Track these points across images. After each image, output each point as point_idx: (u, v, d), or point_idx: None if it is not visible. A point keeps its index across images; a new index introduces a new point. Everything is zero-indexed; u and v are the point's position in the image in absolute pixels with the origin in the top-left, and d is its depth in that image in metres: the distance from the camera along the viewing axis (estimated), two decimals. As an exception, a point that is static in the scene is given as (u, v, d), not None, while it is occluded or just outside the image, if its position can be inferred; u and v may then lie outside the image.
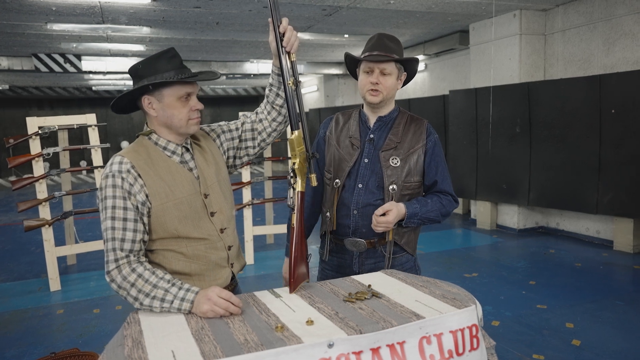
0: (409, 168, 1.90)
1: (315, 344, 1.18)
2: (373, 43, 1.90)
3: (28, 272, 5.16)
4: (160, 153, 1.57)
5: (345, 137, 1.99)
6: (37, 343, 3.44)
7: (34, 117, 4.63)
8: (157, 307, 1.41)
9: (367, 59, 1.88)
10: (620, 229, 5.29)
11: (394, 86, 1.92)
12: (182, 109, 1.54)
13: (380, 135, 1.95)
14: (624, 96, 4.93)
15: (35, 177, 4.50)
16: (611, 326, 3.43)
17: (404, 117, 1.99)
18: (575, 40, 5.86)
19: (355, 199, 1.91)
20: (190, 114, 1.56)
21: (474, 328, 1.36)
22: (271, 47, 1.64)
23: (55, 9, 5.41)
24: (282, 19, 1.61)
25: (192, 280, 1.57)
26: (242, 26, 6.71)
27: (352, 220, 1.91)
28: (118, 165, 1.49)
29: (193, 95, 1.57)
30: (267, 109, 1.79)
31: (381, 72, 1.88)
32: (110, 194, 1.47)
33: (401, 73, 1.94)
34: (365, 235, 1.91)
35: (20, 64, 8.39)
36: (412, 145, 1.91)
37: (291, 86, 1.62)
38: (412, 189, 1.91)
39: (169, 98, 1.53)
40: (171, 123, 1.55)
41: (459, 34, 7.44)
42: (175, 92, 1.52)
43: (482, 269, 4.90)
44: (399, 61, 1.89)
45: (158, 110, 1.55)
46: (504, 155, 6.22)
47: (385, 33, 1.93)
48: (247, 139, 1.79)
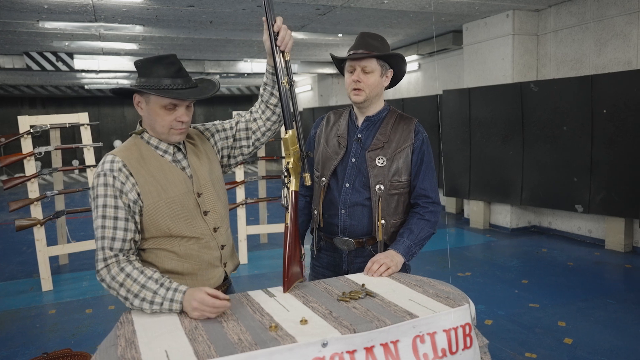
0: (396, 167, 1.90)
1: (309, 343, 1.18)
2: (356, 42, 1.91)
3: (20, 272, 5.12)
4: (153, 152, 1.57)
5: (334, 135, 2.00)
6: (29, 343, 3.41)
7: (25, 116, 4.60)
8: (147, 309, 1.41)
9: (347, 57, 1.89)
10: (612, 228, 5.33)
11: (377, 84, 1.91)
12: (166, 117, 1.52)
13: (368, 135, 1.95)
14: (616, 96, 4.97)
15: (27, 177, 4.47)
16: (603, 325, 3.45)
17: (393, 116, 1.99)
18: (568, 40, 5.90)
19: (342, 199, 1.92)
20: (173, 124, 1.53)
21: (467, 327, 1.37)
22: (265, 46, 1.64)
23: (47, 7, 5.37)
24: (276, 18, 1.61)
25: (185, 279, 1.56)
26: (236, 25, 6.69)
27: (341, 219, 1.92)
28: (109, 164, 1.49)
29: (181, 107, 1.53)
30: (261, 108, 1.79)
31: (362, 70, 1.88)
32: (101, 192, 1.47)
33: (385, 70, 1.93)
34: (354, 234, 1.92)
35: (12, 62, 8.31)
36: (399, 145, 1.91)
37: (285, 85, 1.62)
38: (400, 188, 1.91)
39: (154, 104, 1.52)
40: (154, 127, 1.56)
41: (453, 34, 7.46)
42: (160, 100, 1.51)
43: (475, 268, 4.93)
44: (380, 57, 1.88)
45: (145, 111, 1.55)
46: (497, 155, 6.25)
47: (368, 32, 1.93)
48: (241, 138, 1.79)
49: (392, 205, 1.90)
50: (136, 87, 1.50)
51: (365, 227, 1.91)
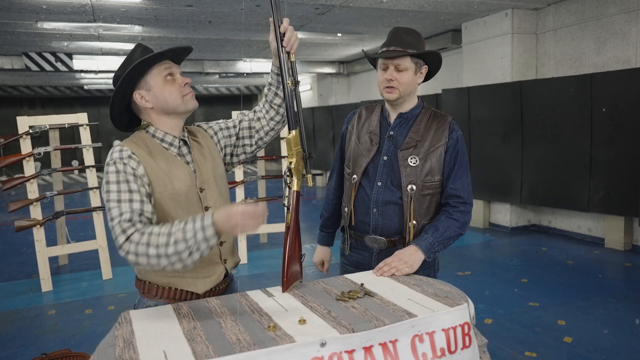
0: (429, 167, 1.85)
1: (308, 343, 1.17)
2: (389, 38, 1.86)
3: (19, 273, 5.12)
4: (158, 145, 1.57)
5: (366, 132, 1.97)
6: (29, 344, 3.41)
7: (24, 117, 4.59)
8: (184, 250, 1.32)
9: (379, 55, 1.85)
10: (611, 227, 5.33)
11: (412, 81, 1.86)
12: (172, 87, 1.55)
13: (401, 132, 1.91)
14: (615, 95, 4.97)
15: (26, 177, 4.47)
16: (602, 323, 3.45)
17: (427, 113, 1.94)
18: (567, 39, 5.90)
19: (374, 197, 1.89)
20: (181, 90, 1.56)
21: (466, 326, 1.37)
22: (271, 46, 1.65)
23: (46, 7, 5.36)
24: (283, 19, 1.61)
25: (184, 276, 1.56)
26: (235, 25, 6.69)
27: (372, 218, 1.90)
28: (119, 153, 1.48)
29: (176, 73, 1.57)
30: (265, 107, 1.80)
31: (396, 68, 1.83)
32: (113, 179, 1.44)
33: (420, 67, 1.88)
34: (386, 233, 1.89)
35: (11, 62, 8.31)
36: (433, 144, 1.86)
37: (290, 86, 1.63)
38: (433, 189, 1.87)
39: (154, 82, 1.53)
40: (168, 106, 1.55)
41: (452, 33, 7.46)
42: (157, 74, 1.53)
43: (474, 267, 4.93)
44: (415, 55, 1.84)
45: (151, 99, 1.55)
46: (497, 154, 6.25)
47: (402, 27, 1.87)
48: (244, 137, 1.80)
49: (424, 205, 1.86)
50: (131, 76, 1.50)
51: (397, 226, 1.88)
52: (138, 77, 1.53)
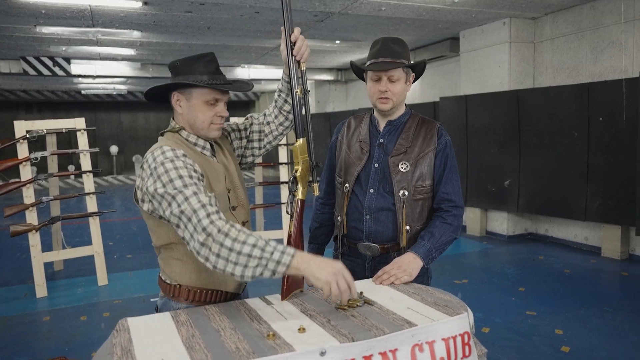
0: (420, 172, 1.87)
1: (308, 352, 1.16)
2: (378, 48, 1.86)
3: (14, 278, 5.08)
4: (193, 148, 1.59)
5: (356, 141, 1.98)
6: (23, 351, 3.38)
7: (21, 121, 4.58)
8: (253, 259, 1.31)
9: (372, 68, 1.85)
10: (608, 236, 5.34)
11: (403, 90, 1.90)
12: (207, 112, 1.56)
13: (390, 140, 1.93)
14: (612, 104, 4.99)
15: (22, 182, 4.44)
16: (600, 332, 3.45)
17: (415, 120, 1.96)
18: (564, 48, 5.93)
19: (367, 204, 1.90)
20: (214, 119, 1.57)
21: (466, 335, 1.36)
22: (282, 55, 1.68)
23: (44, 11, 5.36)
24: (294, 28, 1.64)
25: (213, 278, 1.55)
26: (234, 31, 6.70)
27: (365, 225, 1.90)
28: (172, 152, 1.46)
29: (221, 102, 1.59)
30: (274, 112, 1.83)
31: (389, 79, 1.85)
32: (175, 175, 1.39)
33: (409, 76, 1.92)
34: (379, 240, 1.89)
35: (8, 66, 8.29)
36: (423, 149, 1.89)
37: (299, 95, 1.65)
38: (424, 194, 1.89)
39: (196, 100, 1.55)
40: (194, 124, 1.57)
41: (450, 41, 7.49)
42: (204, 95, 1.55)
43: (472, 275, 4.92)
44: (407, 66, 1.87)
45: (184, 108, 1.57)
46: (494, 162, 6.26)
47: (389, 37, 1.88)
48: (253, 140, 1.83)
49: (416, 210, 1.88)
50: (184, 83, 1.52)
51: (390, 232, 1.88)
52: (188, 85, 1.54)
